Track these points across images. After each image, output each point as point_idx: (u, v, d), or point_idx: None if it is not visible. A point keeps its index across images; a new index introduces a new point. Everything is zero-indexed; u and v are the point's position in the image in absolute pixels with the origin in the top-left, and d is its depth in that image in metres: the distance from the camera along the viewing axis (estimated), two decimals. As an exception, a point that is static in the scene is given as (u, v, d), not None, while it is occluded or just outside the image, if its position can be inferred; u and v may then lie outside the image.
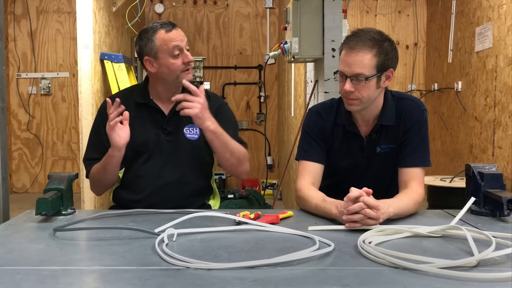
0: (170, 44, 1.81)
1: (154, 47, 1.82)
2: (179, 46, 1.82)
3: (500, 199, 1.55)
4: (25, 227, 1.55)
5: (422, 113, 1.81)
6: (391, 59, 1.72)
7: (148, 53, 1.84)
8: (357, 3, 5.67)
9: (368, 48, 1.66)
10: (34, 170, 6.15)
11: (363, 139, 1.84)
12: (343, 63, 1.71)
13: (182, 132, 1.92)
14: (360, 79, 1.67)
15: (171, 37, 1.81)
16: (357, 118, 1.83)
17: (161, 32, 1.82)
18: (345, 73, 1.70)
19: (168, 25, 1.84)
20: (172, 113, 1.92)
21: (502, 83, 3.69)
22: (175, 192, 1.90)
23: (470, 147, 4.30)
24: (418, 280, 1.06)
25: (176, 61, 1.83)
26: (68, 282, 1.06)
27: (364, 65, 1.66)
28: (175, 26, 1.85)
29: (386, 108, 1.80)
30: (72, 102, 6.06)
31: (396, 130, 1.81)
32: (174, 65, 1.82)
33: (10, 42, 6.01)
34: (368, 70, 1.67)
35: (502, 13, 3.70)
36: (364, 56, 1.66)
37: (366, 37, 1.68)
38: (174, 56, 1.82)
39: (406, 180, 1.75)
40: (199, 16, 6.24)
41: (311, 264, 1.17)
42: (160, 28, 1.83)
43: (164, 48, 1.81)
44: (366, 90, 1.69)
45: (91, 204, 3.64)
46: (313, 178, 1.82)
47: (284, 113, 5.49)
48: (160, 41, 1.81)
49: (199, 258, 1.16)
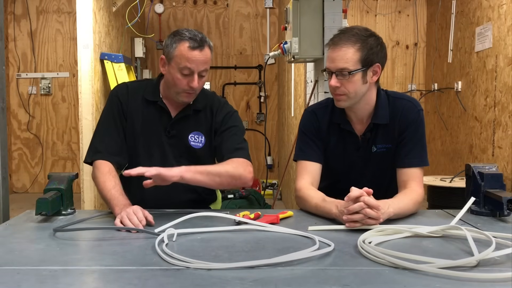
0: (184, 62, 1.74)
1: (172, 53, 1.77)
2: (191, 69, 1.75)
3: (500, 199, 1.55)
4: (25, 227, 1.55)
5: (418, 113, 1.81)
6: (376, 54, 1.72)
7: (166, 54, 1.80)
8: (357, 3, 5.67)
9: (351, 43, 1.68)
10: (34, 170, 6.15)
11: (358, 138, 1.84)
12: (328, 59, 1.73)
13: (186, 138, 1.89)
14: (344, 73, 1.69)
15: (188, 56, 1.74)
16: (350, 116, 1.84)
17: (184, 45, 1.74)
18: (330, 68, 1.72)
19: (196, 42, 1.74)
20: (179, 117, 1.89)
21: (502, 83, 3.69)
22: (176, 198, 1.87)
23: (470, 147, 4.30)
24: (418, 280, 1.06)
25: (183, 79, 1.77)
26: (68, 282, 1.06)
27: (347, 59, 1.68)
28: (202, 47, 1.74)
29: (379, 107, 1.80)
30: (72, 102, 6.06)
31: (392, 130, 1.81)
32: (179, 81, 1.78)
33: (10, 42, 6.01)
34: (351, 65, 1.68)
35: (502, 13, 3.70)
36: (347, 51, 1.68)
37: (350, 33, 1.71)
38: (183, 74, 1.77)
39: (405, 181, 1.76)
40: (199, 16, 6.24)
41: (311, 264, 1.17)
42: (187, 40, 1.74)
43: (177, 61, 1.76)
44: (352, 85, 1.70)
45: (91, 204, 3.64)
46: (312, 178, 1.82)
47: (284, 113, 5.49)
48: (177, 52, 1.75)
49: (199, 258, 1.16)
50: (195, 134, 1.90)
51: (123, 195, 1.68)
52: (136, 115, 1.88)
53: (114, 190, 1.69)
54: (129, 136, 1.89)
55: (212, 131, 1.92)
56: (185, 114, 1.89)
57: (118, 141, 1.86)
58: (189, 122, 1.90)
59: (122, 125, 1.88)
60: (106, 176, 1.74)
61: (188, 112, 1.89)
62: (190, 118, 1.90)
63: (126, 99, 1.89)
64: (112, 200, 1.65)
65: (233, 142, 1.87)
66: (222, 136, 1.89)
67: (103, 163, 1.80)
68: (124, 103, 1.88)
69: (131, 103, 1.89)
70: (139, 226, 1.47)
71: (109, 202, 1.66)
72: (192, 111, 1.89)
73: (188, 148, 1.89)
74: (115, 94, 1.91)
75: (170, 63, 1.79)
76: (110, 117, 1.88)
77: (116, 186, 1.71)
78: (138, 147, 1.89)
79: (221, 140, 1.89)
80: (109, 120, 1.88)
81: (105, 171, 1.76)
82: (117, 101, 1.88)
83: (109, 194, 1.67)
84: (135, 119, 1.88)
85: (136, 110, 1.89)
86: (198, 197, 1.93)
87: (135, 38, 5.07)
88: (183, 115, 1.89)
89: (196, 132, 1.90)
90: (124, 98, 1.89)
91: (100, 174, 1.76)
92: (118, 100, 1.89)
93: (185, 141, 1.89)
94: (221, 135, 1.89)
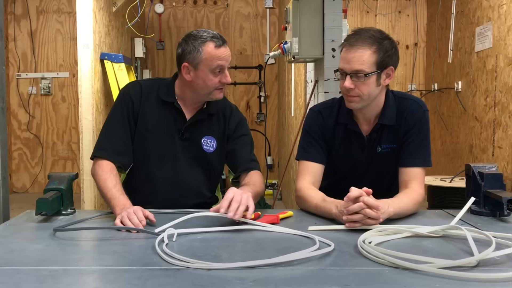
0: (215, 61, 1.75)
1: (198, 57, 1.76)
2: (223, 66, 1.77)
3: (500, 199, 1.55)
4: (25, 227, 1.54)
5: (424, 113, 1.81)
6: (391, 57, 1.72)
7: (190, 61, 1.78)
8: (357, 3, 5.67)
9: (368, 45, 1.67)
10: (34, 170, 6.15)
11: (364, 138, 1.84)
12: (343, 60, 1.71)
13: (199, 142, 1.89)
14: (360, 75, 1.68)
15: (218, 55, 1.75)
16: (358, 117, 1.83)
17: (210, 45, 1.75)
18: (345, 70, 1.70)
19: (219, 40, 1.77)
20: (193, 120, 1.88)
21: (502, 83, 3.69)
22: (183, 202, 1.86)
23: (470, 147, 4.30)
24: (418, 280, 1.06)
25: (215, 78, 1.78)
26: (68, 282, 1.06)
27: (363, 61, 1.67)
28: (225, 43, 1.79)
29: (387, 108, 1.80)
30: (72, 102, 6.06)
31: (397, 130, 1.81)
32: (212, 82, 1.78)
33: (10, 42, 6.02)
34: (367, 67, 1.67)
35: (502, 13, 3.70)
36: (364, 53, 1.67)
37: (366, 34, 1.69)
38: (215, 73, 1.78)
39: (407, 180, 1.75)
40: (199, 16, 6.24)
41: (311, 264, 1.17)
42: (210, 40, 1.76)
43: (208, 63, 1.75)
44: (366, 87, 1.70)
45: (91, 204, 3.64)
46: (313, 178, 1.82)
47: (284, 113, 5.49)
48: (206, 55, 1.75)
49: (199, 258, 1.16)
50: (207, 138, 1.90)
51: (124, 195, 1.67)
52: (149, 115, 1.86)
53: (115, 189, 1.68)
54: (140, 135, 1.87)
55: (224, 136, 1.93)
56: (200, 117, 1.88)
57: (125, 140, 1.85)
58: (203, 125, 1.90)
59: (131, 125, 1.86)
60: (107, 174, 1.73)
61: (203, 116, 1.89)
62: (204, 121, 1.90)
63: (139, 98, 1.86)
64: (112, 199, 1.64)
65: (246, 152, 1.91)
66: (235, 144, 1.92)
67: (105, 161, 1.78)
68: (136, 102, 1.86)
69: (144, 102, 1.87)
70: (139, 226, 1.47)
71: (109, 201, 1.66)
72: (206, 115, 1.89)
73: (201, 151, 1.89)
74: (127, 92, 1.88)
75: (198, 67, 1.77)
76: (119, 115, 1.86)
77: (117, 185, 1.70)
78: (149, 146, 1.87)
79: (234, 148, 1.91)
80: (117, 119, 1.86)
81: (106, 169, 1.75)
82: (128, 100, 1.86)
83: (110, 193, 1.67)
84: (148, 118, 1.86)
85: (150, 110, 1.87)
86: (202, 201, 1.93)
87: (135, 38, 5.07)
88: (198, 119, 1.88)
89: (209, 136, 1.90)
90: (137, 97, 1.86)
91: (101, 172, 1.75)
92: (130, 99, 1.86)
93: (198, 145, 1.89)
94: (234, 142, 1.92)
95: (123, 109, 1.86)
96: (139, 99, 1.86)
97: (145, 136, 1.86)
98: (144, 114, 1.86)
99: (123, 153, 1.83)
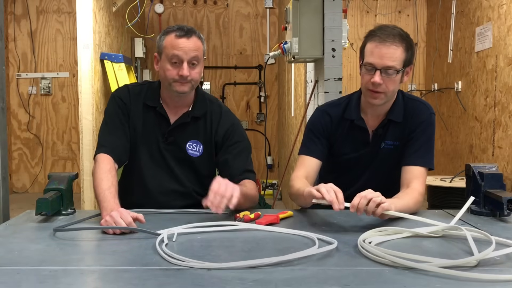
0: (171, 50, 1.76)
1: (161, 47, 1.80)
2: (178, 57, 1.75)
3: (500, 199, 1.55)
4: (25, 227, 1.54)
5: (430, 115, 1.83)
6: (413, 56, 1.77)
7: (157, 51, 1.83)
8: (357, 3, 5.66)
9: (399, 42, 1.69)
10: (34, 170, 6.15)
11: (369, 134, 1.86)
12: (375, 55, 1.70)
13: (184, 146, 1.88)
14: (391, 72, 1.69)
15: (175, 44, 1.76)
16: (367, 113, 1.85)
17: (171, 35, 1.77)
18: (376, 65, 1.70)
19: (182, 31, 1.77)
20: (177, 124, 1.87)
21: (502, 83, 3.69)
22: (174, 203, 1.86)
23: (470, 147, 4.30)
24: (418, 280, 1.06)
25: (173, 69, 1.77)
26: (68, 282, 1.06)
27: (395, 58, 1.69)
28: (189, 35, 1.76)
29: (396, 105, 1.84)
30: (72, 102, 6.06)
31: (402, 128, 1.83)
32: (169, 72, 1.78)
33: (10, 42, 6.01)
34: (398, 64, 1.69)
35: (502, 13, 3.70)
36: (397, 49, 1.69)
37: (394, 31, 1.71)
38: (172, 63, 1.77)
39: (408, 179, 1.76)
40: (199, 16, 6.24)
41: (311, 264, 1.17)
42: (174, 31, 1.78)
43: (166, 52, 1.77)
44: (393, 83, 1.72)
45: (91, 204, 3.63)
46: (307, 172, 1.85)
47: (284, 113, 5.49)
48: (166, 43, 1.78)
49: (199, 258, 1.16)
50: (193, 143, 1.89)
51: (115, 199, 1.63)
52: (137, 119, 1.88)
53: (108, 191, 1.63)
54: (132, 138, 1.88)
55: (212, 142, 1.90)
56: (184, 121, 1.87)
57: (123, 138, 1.85)
58: (188, 130, 1.88)
59: (127, 124, 1.87)
60: (104, 174, 1.71)
61: (187, 119, 1.87)
62: (189, 125, 1.88)
63: (128, 102, 1.88)
64: (103, 202, 1.60)
65: (241, 162, 1.86)
66: (228, 153, 1.87)
67: (105, 159, 1.77)
68: (127, 104, 1.88)
69: (133, 107, 1.88)
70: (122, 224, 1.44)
71: (100, 202, 1.63)
72: (190, 118, 1.88)
73: (186, 156, 1.89)
74: (118, 96, 1.90)
75: (161, 57, 1.81)
76: (114, 116, 1.87)
77: (111, 187, 1.66)
78: (139, 150, 1.89)
79: (226, 158, 1.87)
80: (113, 119, 1.87)
81: (105, 169, 1.73)
82: (120, 102, 1.88)
83: (102, 194, 1.62)
84: (136, 123, 1.88)
85: (137, 114, 1.88)
86: (194, 202, 1.91)
87: (135, 38, 5.07)
88: (182, 122, 1.87)
89: (194, 141, 1.89)
90: (126, 101, 1.88)
91: (99, 171, 1.72)
92: (122, 101, 1.88)
93: (183, 149, 1.88)
94: (226, 151, 1.87)
95: (118, 110, 1.87)
96: (128, 103, 1.88)
97: (135, 139, 1.87)
98: (133, 118, 1.88)
99: (121, 149, 1.84)
